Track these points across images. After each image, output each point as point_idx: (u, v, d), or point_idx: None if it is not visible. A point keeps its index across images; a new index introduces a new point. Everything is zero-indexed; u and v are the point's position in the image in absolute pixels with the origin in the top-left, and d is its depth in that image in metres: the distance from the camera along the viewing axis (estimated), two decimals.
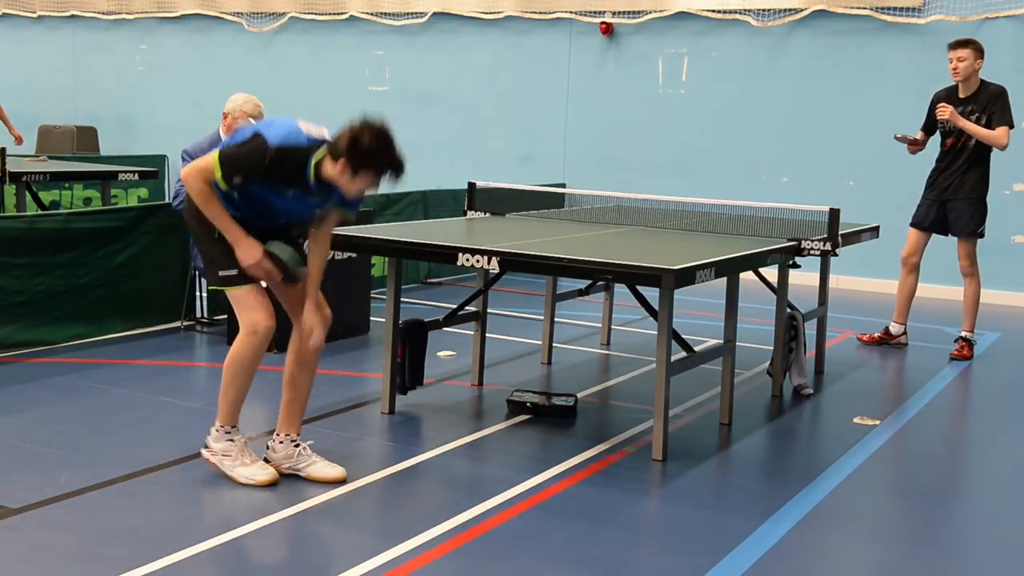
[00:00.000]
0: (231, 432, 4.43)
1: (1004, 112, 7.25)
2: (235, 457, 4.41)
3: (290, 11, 13.16)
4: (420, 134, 12.54)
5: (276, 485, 4.34)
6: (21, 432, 4.91)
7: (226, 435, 4.42)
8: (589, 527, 4.09)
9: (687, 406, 5.80)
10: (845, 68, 10.48)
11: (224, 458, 4.41)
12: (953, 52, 7.26)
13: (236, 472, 4.38)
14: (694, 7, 11.00)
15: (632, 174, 11.15)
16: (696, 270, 4.64)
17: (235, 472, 4.38)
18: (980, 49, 7.25)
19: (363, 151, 4.22)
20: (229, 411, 4.43)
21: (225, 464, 4.40)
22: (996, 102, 7.27)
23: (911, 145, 7.48)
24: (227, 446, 4.42)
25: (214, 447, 4.43)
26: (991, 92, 7.30)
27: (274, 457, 4.50)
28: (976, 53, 7.22)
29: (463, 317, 6.04)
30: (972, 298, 7.36)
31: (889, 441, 5.42)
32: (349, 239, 5.39)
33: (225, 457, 4.41)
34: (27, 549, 3.70)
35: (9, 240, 6.35)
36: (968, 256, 7.36)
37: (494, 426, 5.34)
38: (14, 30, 15.11)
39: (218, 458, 4.42)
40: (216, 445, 4.43)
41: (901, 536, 4.24)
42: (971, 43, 7.25)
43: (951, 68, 7.29)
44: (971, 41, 7.27)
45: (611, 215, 6.97)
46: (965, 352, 7.31)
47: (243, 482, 4.35)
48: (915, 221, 7.61)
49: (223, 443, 4.42)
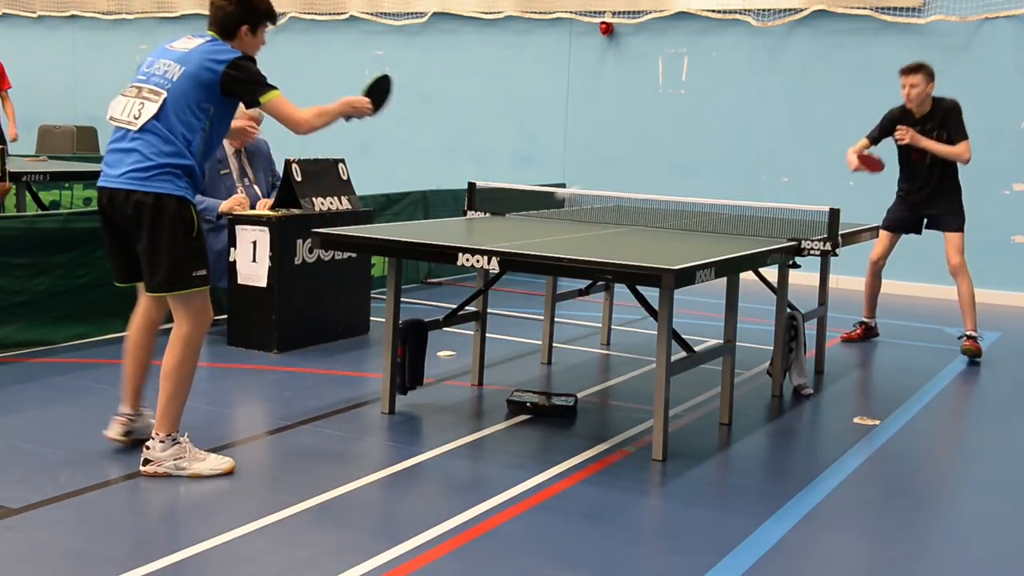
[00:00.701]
0: (175, 435, 4.40)
1: (961, 126, 7.27)
2: (188, 457, 4.39)
3: (290, 11, 13.16)
4: (420, 134, 12.57)
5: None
6: (21, 432, 4.91)
7: (172, 441, 4.39)
8: (589, 527, 4.09)
9: (687, 406, 5.81)
10: (845, 68, 10.49)
11: (177, 462, 4.37)
12: (905, 78, 7.27)
13: (197, 468, 4.38)
14: (694, 7, 11.00)
15: (632, 174, 11.16)
16: (696, 270, 4.64)
17: (196, 468, 4.37)
18: (931, 73, 7.26)
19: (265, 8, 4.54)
20: (177, 417, 4.41)
21: (181, 467, 4.37)
22: (951, 116, 7.27)
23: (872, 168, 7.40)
24: (176, 450, 4.38)
25: (160, 456, 4.36)
26: (945, 107, 7.30)
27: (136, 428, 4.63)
28: (927, 77, 7.23)
29: (463, 317, 6.04)
30: (968, 296, 7.35)
31: (889, 441, 5.42)
32: (349, 239, 5.39)
33: (178, 461, 4.37)
34: (27, 549, 3.70)
35: (9, 240, 6.35)
36: (959, 251, 7.35)
37: (494, 426, 5.34)
38: (14, 30, 15.11)
39: (168, 465, 4.36)
40: (162, 454, 4.36)
41: (900, 536, 4.24)
42: (922, 68, 7.25)
43: (904, 94, 7.29)
44: (922, 66, 7.27)
45: (611, 215, 6.97)
46: (976, 345, 7.26)
47: (208, 474, 4.37)
48: (888, 225, 7.66)
49: (171, 449, 4.37)
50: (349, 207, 7.23)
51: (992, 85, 9.81)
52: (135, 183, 4.26)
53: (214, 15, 4.48)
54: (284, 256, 6.70)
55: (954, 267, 7.36)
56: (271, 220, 6.67)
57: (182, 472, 4.36)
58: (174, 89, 4.30)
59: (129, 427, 4.67)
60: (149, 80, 4.36)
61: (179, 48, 4.42)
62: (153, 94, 4.30)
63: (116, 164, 4.33)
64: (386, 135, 12.74)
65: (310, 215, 6.84)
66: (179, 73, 4.32)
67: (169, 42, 4.51)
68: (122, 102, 4.37)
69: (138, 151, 4.28)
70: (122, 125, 4.34)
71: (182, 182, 4.32)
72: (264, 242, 6.64)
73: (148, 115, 4.28)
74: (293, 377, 6.20)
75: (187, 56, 4.36)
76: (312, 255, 6.89)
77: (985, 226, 9.79)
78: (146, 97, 4.31)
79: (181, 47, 4.42)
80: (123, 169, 4.29)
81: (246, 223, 6.72)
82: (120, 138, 4.36)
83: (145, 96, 4.32)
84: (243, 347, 6.74)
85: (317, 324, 6.98)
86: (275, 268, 6.64)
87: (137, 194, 4.26)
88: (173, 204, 4.28)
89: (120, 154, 4.33)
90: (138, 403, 4.69)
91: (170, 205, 4.27)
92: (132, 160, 4.28)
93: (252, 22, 4.49)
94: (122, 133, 4.35)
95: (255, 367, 6.35)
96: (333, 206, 7.10)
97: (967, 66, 9.90)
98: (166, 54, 4.42)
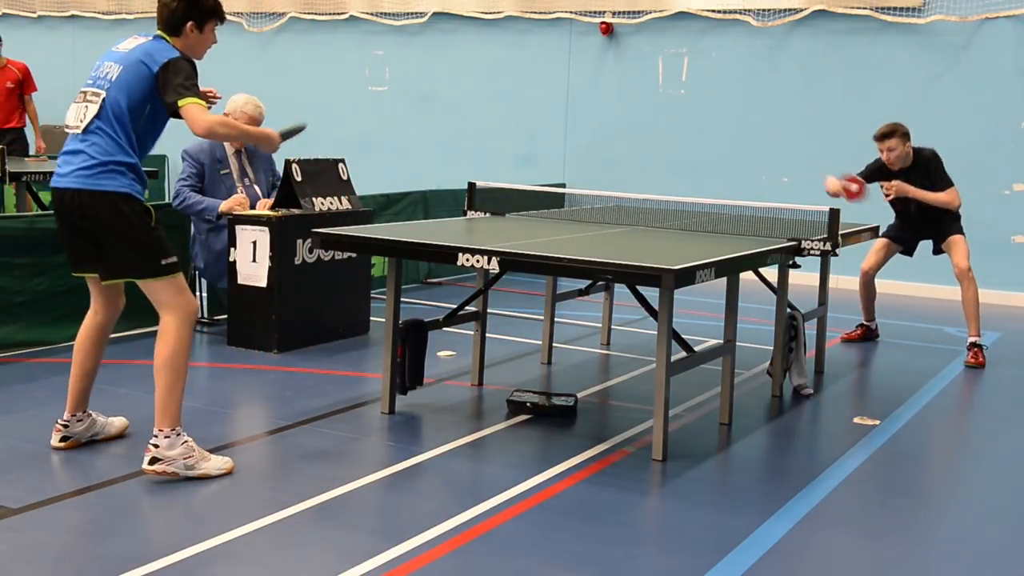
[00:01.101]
0: (180, 432, 4.38)
1: (944, 175, 7.32)
2: (196, 456, 4.37)
3: (290, 11, 13.16)
4: (420, 134, 12.57)
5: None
6: (21, 432, 4.91)
7: (179, 437, 4.35)
8: (589, 527, 4.09)
9: (687, 406, 5.81)
10: (845, 68, 10.48)
11: (187, 461, 4.34)
12: (881, 144, 7.29)
13: (206, 467, 4.37)
14: (694, 7, 11.00)
15: (632, 174, 11.16)
16: (696, 270, 4.64)
17: (205, 468, 4.37)
18: (906, 133, 7.28)
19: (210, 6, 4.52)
20: (177, 410, 4.38)
21: (191, 467, 4.34)
22: (932, 166, 7.31)
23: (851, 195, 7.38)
24: (184, 449, 4.34)
25: (169, 455, 4.30)
26: (925, 158, 7.34)
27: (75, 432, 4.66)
28: (903, 139, 7.25)
29: (463, 317, 6.04)
30: (973, 301, 7.29)
31: (889, 441, 5.42)
32: (349, 239, 5.39)
33: (187, 460, 4.34)
34: (27, 549, 3.70)
35: (9, 240, 6.35)
36: (966, 255, 7.31)
37: (494, 426, 5.34)
38: (14, 30, 15.09)
39: (178, 465, 4.32)
40: (172, 452, 4.31)
41: (901, 536, 4.24)
42: (895, 131, 7.26)
43: (884, 158, 7.30)
44: (895, 129, 7.27)
45: (611, 215, 6.97)
46: (980, 359, 7.18)
47: (216, 474, 4.37)
48: (889, 234, 7.67)
49: (179, 447, 4.33)
50: (349, 207, 7.23)
51: (992, 85, 9.81)
52: (81, 182, 4.33)
53: (160, 13, 4.51)
54: (284, 256, 6.70)
55: (961, 271, 7.29)
56: (271, 220, 6.67)
57: (191, 472, 4.33)
58: (112, 89, 4.36)
59: (65, 432, 4.68)
60: (95, 84, 4.43)
61: (122, 49, 4.47)
62: (95, 96, 4.39)
63: (64, 165, 4.42)
64: (386, 135, 12.75)
65: (310, 215, 6.84)
66: (117, 72, 4.38)
67: (117, 43, 4.56)
68: (73, 109, 4.45)
69: (84, 152, 4.35)
70: (71, 130, 4.43)
71: (125, 179, 4.36)
72: (264, 242, 6.64)
73: (90, 116, 4.36)
74: (293, 377, 6.20)
75: (127, 56, 4.41)
76: (312, 255, 6.89)
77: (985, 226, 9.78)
78: (89, 100, 4.40)
79: (124, 47, 4.47)
80: (70, 168, 4.37)
81: (246, 223, 6.72)
82: (71, 140, 4.45)
83: (88, 99, 4.40)
84: (243, 347, 6.74)
85: (317, 324, 6.98)
86: (275, 268, 6.64)
87: (84, 193, 4.33)
88: (120, 200, 4.34)
89: (68, 155, 4.41)
90: (79, 408, 4.69)
91: (117, 201, 4.34)
92: (79, 160, 4.36)
93: (197, 19, 4.49)
94: (72, 136, 4.44)
95: (255, 367, 6.35)
96: (333, 206, 7.10)
97: (967, 66, 9.90)
98: (110, 56, 4.48)
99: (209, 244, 7.03)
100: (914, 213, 7.48)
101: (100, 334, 4.67)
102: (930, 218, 7.43)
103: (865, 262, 7.73)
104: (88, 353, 4.66)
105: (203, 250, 7.07)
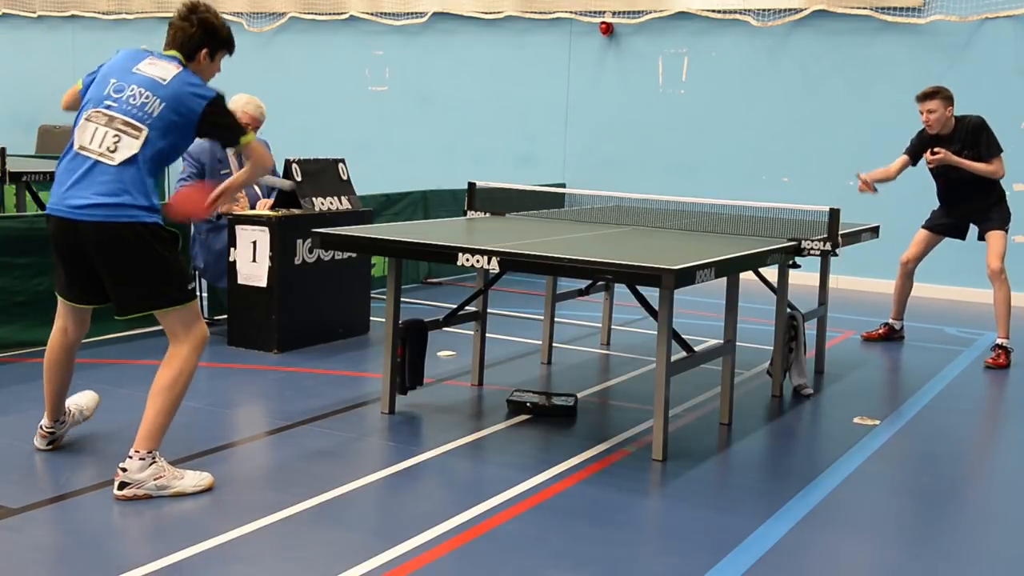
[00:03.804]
0: (153, 453, 4.21)
1: (992, 143, 7.14)
2: (167, 476, 4.21)
3: (290, 11, 13.16)
4: (420, 134, 12.57)
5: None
6: (21, 432, 4.91)
7: (151, 459, 4.19)
8: (589, 527, 4.09)
9: (687, 406, 5.81)
10: (845, 68, 10.48)
11: (157, 481, 4.17)
12: (922, 104, 7.13)
13: (181, 485, 4.21)
14: (694, 7, 11.00)
15: (632, 174, 11.16)
16: (696, 270, 4.64)
17: (180, 485, 4.21)
18: (949, 97, 7.12)
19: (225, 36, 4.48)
20: (162, 434, 4.23)
21: (162, 487, 4.18)
22: (981, 134, 7.14)
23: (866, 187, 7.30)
24: (154, 470, 4.18)
25: (138, 478, 4.14)
26: (971, 126, 7.17)
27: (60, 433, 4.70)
28: (945, 102, 7.10)
29: (463, 317, 6.04)
30: (1004, 302, 7.12)
31: (889, 441, 5.42)
32: (349, 239, 5.39)
33: (158, 480, 4.17)
34: (27, 549, 3.70)
35: (9, 240, 6.35)
36: (1000, 255, 7.12)
37: (494, 426, 5.34)
38: (14, 30, 15.11)
39: (149, 487, 4.16)
40: (141, 475, 4.15)
41: (901, 536, 4.24)
42: (939, 92, 7.11)
43: (923, 120, 7.16)
44: (939, 90, 7.12)
45: (611, 215, 6.97)
46: (1002, 360, 7.05)
47: (191, 491, 4.22)
48: (929, 224, 7.55)
49: (149, 470, 4.16)
50: (349, 207, 7.23)
51: (992, 85, 9.80)
52: (105, 214, 4.12)
53: (174, 36, 4.37)
54: (284, 256, 6.70)
55: (992, 271, 7.14)
56: (271, 220, 6.67)
57: (164, 492, 4.17)
58: (155, 126, 4.18)
59: (50, 438, 4.70)
60: (125, 111, 4.18)
61: (150, 74, 4.25)
62: (131, 128, 4.16)
63: (78, 195, 4.15)
64: (386, 135, 12.75)
65: (310, 215, 6.84)
66: (159, 108, 4.18)
67: (131, 62, 4.32)
68: (90, 129, 4.20)
69: (113, 182, 4.12)
70: (94, 157, 4.15)
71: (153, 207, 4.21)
72: (264, 242, 6.64)
73: (128, 152, 4.14)
74: (293, 377, 6.20)
75: (165, 89, 4.21)
76: (312, 255, 6.89)
77: None
78: (121, 129, 4.15)
79: (154, 74, 4.25)
80: (88, 202, 4.12)
81: (246, 223, 6.72)
82: (88, 166, 4.16)
83: (120, 128, 4.16)
84: (243, 347, 6.74)
85: (317, 324, 6.98)
86: (275, 268, 6.64)
87: (108, 225, 4.11)
88: (148, 231, 4.18)
89: (84, 183, 4.15)
90: (58, 414, 4.68)
91: (144, 233, 4.17)
92: (102, 192, 4.12)
93: (212, 48, 4.39)
94: (91, 162, 4.16)
95: (255, 367, 6.35)
96: (333, 206, 7.11)
97: (967, 66, 9.90)
98: (136, 79, 4.24)
99: (209, 244, 7.03)
100: (944, 191, 7.31)
101: (70, 352, 4.56)
102: (961, 196, 7.23)
103: (905, 253, 7.62)
104: (62, 368, 4.57)
105: (203, 250, 7.06)
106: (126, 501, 4.13)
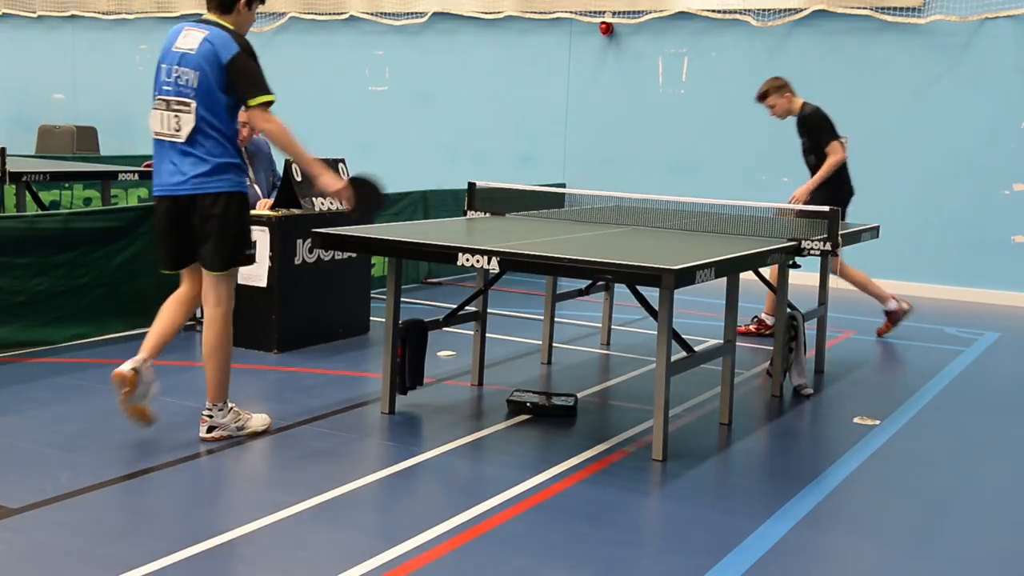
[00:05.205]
0: (227, 402, 4.90)
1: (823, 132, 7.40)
2: (242, 417, 4.93)
3: (290, 11, 13.16)
4: (420, 134, 12.57)
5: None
6: (21, 432, 4.91)
7: (228, 408, 4.89)
8: (589, 527, 4.09)
9: (687, 406, 5.81)
10: (845, 68, 10.48)
11: (237, 424, 4.89)
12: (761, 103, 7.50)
13: (252, 425, 4.95)
14: (694, 7, 11.00)
15: (632, 174, 11.16)
16: (696, 270, 4.64)
17: (252, 425, 4.94)
18: (778, 87, 7.41)
19: None
20: (227, 387, 4.88)
21: (241, 428, 4.90)
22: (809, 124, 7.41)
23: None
24: (233, 415, 4.90)
25: (224, 422, 4.86)
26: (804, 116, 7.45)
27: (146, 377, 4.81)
28: (776, 94, 7.41)
29: (463, 317, 6.04)
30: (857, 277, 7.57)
31: (889, 441, 5.42)
32: (349, 239, 5.39)
33: (237, 422, 4.90)
34: (27, 549, 3.71)
35: (9, 240, 6.35)
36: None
37: (494, 426, 5.34)
38: (14, 30, 15.11)
39: (232, 428, 4.88)
40: (225, 420, 4.87)
41: (901, 536, 4.24)
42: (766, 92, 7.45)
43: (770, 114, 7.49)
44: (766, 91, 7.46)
45: (611, 215, 6.97)
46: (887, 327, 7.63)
47: (260, 429, 4.97)
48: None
49: (230, 415, 4.89)
50: None
51: (992, 85, 9.81)
52: (197, 186, 4.66)
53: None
54: (284, 256, 6.70)
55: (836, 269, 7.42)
56: (271, 220, 6.67)
57: (242, 432, 4.91)
58: (198, 98, 4.63)
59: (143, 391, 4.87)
60: (176, 92, 4.66)
61: (184, 48, 4.68)
62: (183, 105, 4.64)
63: (173, 173, 4.69)
64: (386, 135, 12.74)
65: (310, 215, 6.84)
66: (196, 79, 4.63)
67: (172, 41, 4.75)
68: (158, 117, 4.71)
69: (193, 157, 4.65)
70: (167, 139, 4.69)
71: (237, 177, 4.74)
72: (264, 242, 6.64)
73: (189, 126, 4.62)
74: (293, 377, 6.21)
75: (196, 59, 4.64)
76: (312, 255, 6.89)
77: (985, 226, 9.79)
78: (177, 110, 4.65)
79: (186, 47, 4.67)
80: (181, 178, 4.67)
81: None
82: (170, 148, 4.70)
83: (176, 109, 4.65)
84: (243, 347, 6.71)
85: (317, 324, 6.98)
86: (275, 268, 6.64)
87: (206, 197, 4.66)
88: (236, 199, 4.72)
89: (175, 164, 4.68)
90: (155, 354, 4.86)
91: (233, 200, 4.70)
92: (189, 167, 4.66)
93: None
94: (170, 144, 4.69)
95: (255, 367, 6.35)
96: (333, 206, 7.10)
97: (967, 66, 9.90)
98: (177, 58, 4.68)
99: None
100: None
101: (191, 302, 4.96)
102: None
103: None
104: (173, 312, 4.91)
105: None
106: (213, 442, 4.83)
